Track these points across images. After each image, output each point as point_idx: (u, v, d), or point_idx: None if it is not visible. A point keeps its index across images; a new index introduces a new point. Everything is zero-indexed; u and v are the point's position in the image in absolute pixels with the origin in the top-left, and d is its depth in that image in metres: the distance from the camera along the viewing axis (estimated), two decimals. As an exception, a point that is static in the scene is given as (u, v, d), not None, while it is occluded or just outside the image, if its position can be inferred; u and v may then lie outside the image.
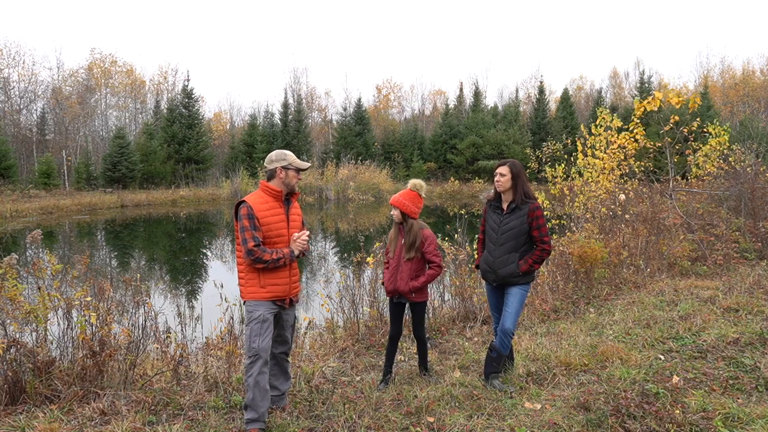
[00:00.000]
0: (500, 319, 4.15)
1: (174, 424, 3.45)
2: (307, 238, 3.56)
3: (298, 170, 3.56)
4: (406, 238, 4.07)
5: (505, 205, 4.13)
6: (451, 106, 48.67)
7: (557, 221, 10.06)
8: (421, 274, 4.12)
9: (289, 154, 3.59)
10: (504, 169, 4.07)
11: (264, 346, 3.38)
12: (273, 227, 3.47)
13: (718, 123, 11.68)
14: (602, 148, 10.32)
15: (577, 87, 60.94)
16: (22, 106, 41.54)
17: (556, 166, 11.74)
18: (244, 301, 3.54)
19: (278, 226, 3.50)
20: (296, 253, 3.50)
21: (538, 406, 3.61)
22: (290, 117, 42.91)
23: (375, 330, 5.63)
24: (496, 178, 4.11)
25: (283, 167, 3.53)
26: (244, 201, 3.47)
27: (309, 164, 3.63)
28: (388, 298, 4.24)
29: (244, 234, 3.37)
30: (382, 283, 4.25)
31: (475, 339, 5.40)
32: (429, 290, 6.38)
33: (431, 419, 3.47)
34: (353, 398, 3.84)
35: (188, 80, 39.30)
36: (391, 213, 4.14)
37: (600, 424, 3.26)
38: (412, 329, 4.33)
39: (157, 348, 4.67)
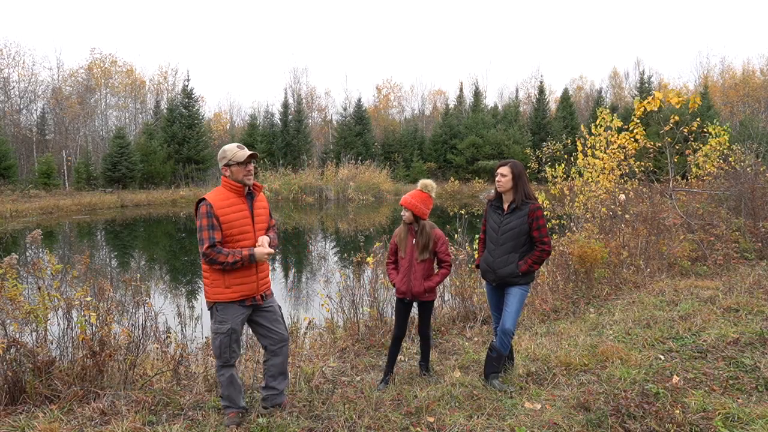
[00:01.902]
0: (500, 319, 4.15)
1: (174, 424, 3.45)
2: (271, 252, 3.38)
3: (241, 163, 3.35)
4: (419, 239, 4.08)
5: (505, 206, 4.13)
6: (451, 106, 48.68)
7: (557, 221, 10.05)
8: (432, 273, 4.14)
9: (229, 150, 3.39)
10: (505, 170, 4.07)
11: (235, 356, 3.49)
12: (235, 224, 3.36)
13: (718, 123, 11.67)
14: (602, 148, 10.32)
15: (577, 87, 60.96)
16: (22, 106, 41.55)
17: (556, 166, 11.74)
18: (213, 303, 3.42)
19: (241, 223, 3.39)
20: (257, 256, 3.32)
21: (538, 406, 3.61)
22: (290, 117, 42.90)
23: (375, 330, 5.63)
24: (497, 179, 4.11)
25: (225, 165, 3.39)
26: (203, 198, 3.35)
27: (249, 152, 3.37)
28: (397, 298, 4.22)
29: (201, 233, 3.28)
30: (393, 285, 4.22)
31: (475, 339, 5.40)
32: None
33: (431, 419, 3.47)
34: (353, 398, 3.83)
35: (188, 80, 39.32)
36: (402, 214, 4.13)
37: (600, 424, 3.26)
38: (418, 327, 4.34)
39: (157, 348, 4.68)
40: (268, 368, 3.66)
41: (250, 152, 3.39)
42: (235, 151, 3.38)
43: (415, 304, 4.30)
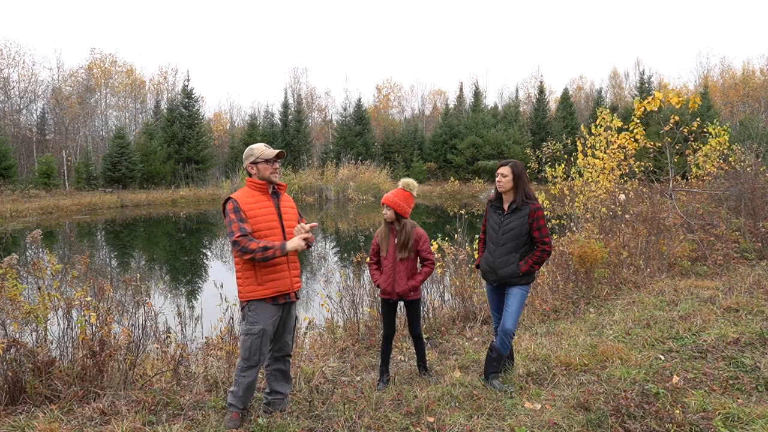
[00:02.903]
0: (500, 319, 4.15)
1: (174, 424, 3.45)
2: (308, 229, 3.38)
3: (268, 160, 3.45)
4: (399, 238, 4.07)
5: (506, 206, 4.13)
6: (451, 106, 48.69)
7: (557, 221, 10.05)
8: (415, 272, 4.12)
9: (256, 148, 3.50)
10: (506, 170, 4.06)
11: (263, 358, 3.48)
12: (261, 219, 3.39)
13: (718, 123, 11.68)
14: (602, 148, 10.32)
15: (577, 87, 60.97)
16: (22, 106, 41.56)
17: (556, 166, 11.75)
18: (247, 302, 3.42)
19: (268, 218, 3.42)
20: (289, 247, 3.30)
21: (538, 406, 3.61)
22: (290, 117, 42.93)
23: (375, 330, 5.63)
24: (497, 179, 4.11)
25: (252, 163, 3.48)
26: (230, 197, 3.43)
27: (277, 150, 3.49)
28: (381, 299, 4.22)
29: (231, 227, 3.30)
30: (378, 285, 4.23)
31: (475, 339, 5.40)
32: (428, 290, 6.43)
33: (431, 419, 3.47)
34: (353, 398, 3.84)
35: (188, 80, 39.38)
36: (384, 213, 4.13)
37: (600, 424, 3.26)
38: (409, 328, 4.33)
39: (157, 348, 4.67)
40: (271, 372, 3.66)
41: (278, 150, 3.50)
42: (263, 149, 3.50)
43: (401, 305, 4.28)
